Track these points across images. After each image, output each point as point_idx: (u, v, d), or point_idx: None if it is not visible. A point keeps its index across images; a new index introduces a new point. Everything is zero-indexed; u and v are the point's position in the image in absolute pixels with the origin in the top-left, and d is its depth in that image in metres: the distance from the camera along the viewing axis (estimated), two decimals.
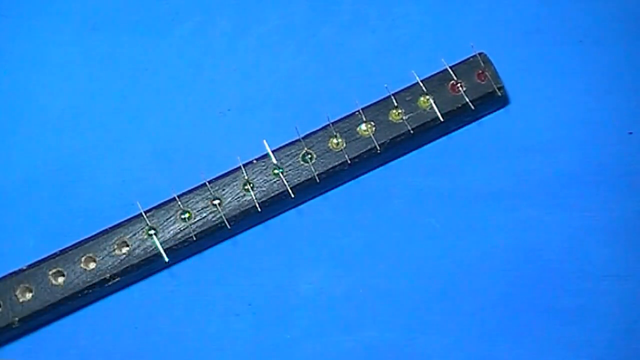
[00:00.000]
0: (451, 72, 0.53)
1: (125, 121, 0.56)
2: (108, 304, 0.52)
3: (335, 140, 0.53)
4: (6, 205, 0.54)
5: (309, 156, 0.52)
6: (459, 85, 0.53)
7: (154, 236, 0.51)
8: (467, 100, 0.53)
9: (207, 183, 0.52)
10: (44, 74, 0.57)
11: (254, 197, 0.51)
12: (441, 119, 0.52)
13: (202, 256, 0.53)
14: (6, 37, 0.57)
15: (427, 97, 0.53)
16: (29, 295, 0.50)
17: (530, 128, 0.55)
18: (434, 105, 0.53)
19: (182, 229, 0.51)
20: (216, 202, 0.51)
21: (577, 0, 0.57)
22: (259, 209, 0.51)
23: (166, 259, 0.50)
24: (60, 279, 0.50)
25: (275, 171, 0.52)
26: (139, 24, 0.57)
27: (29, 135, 0.55)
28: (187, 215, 0.51)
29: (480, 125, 0.55)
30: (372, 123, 0.53)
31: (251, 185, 0.52)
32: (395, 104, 0.53)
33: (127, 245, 0.51)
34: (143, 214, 0.51)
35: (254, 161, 0.52)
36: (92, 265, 0.50)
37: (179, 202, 0.51)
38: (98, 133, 0.55)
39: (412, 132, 0.52)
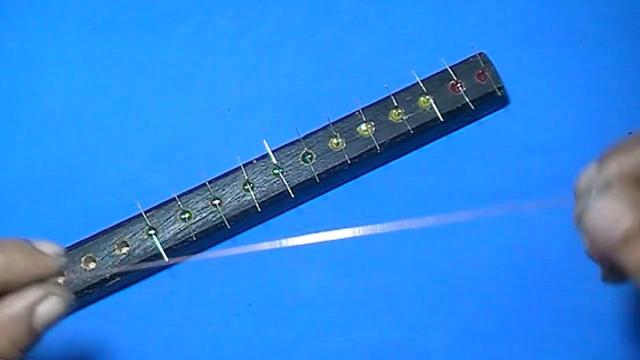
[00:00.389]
0: (451, 72, 0.53)
1: (125, 121, 0.56)
2: (108, 304, 0.52)
3: (335, 140, 0.53)
4: (6, 205, 0.54)
5: (309, 156, 0.52)
6: (459, 85, 0.53)
7: (154, 236, 0.51)
8: (467, 100, 0.53)
9: (207, 183, 0.52)
10: (44, 74, 0.57)
11: (254, 197, 0.51)
12: (441, 119, 0.52)
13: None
14: (6, 37, 0.57)
15: (427, 97, 0.53)
16: None
17: (530, 128, 0.55)
18: (434, 105, 0.53)
19: (182, 229, 0.51)
20: (216, 202, 0.51)
21: (577, 0, 0.57)
22: (259, 209, 0.51)
23: (166, 259, 0.50)
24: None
25: (275, 171, 0.52)
26: (139, 24, 0.57)
27: (29, 135, 0.55)
28: (187, 215, 0.51)
29: (480, 125, 0.55)
30: (372, 123, 0.53)
31: (251, 185, 0.52)
32: (395, 104, 0.53)
33: (127, 245, 0.51)
34: (143, 214, 0.51)
35: (254, 161, 0.52)
36: (92, 265, 0.50)
37: (179, 202, 0.51)
38: (98, 133, 0.55)
39: (412, 132, 0.52)
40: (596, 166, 0.38)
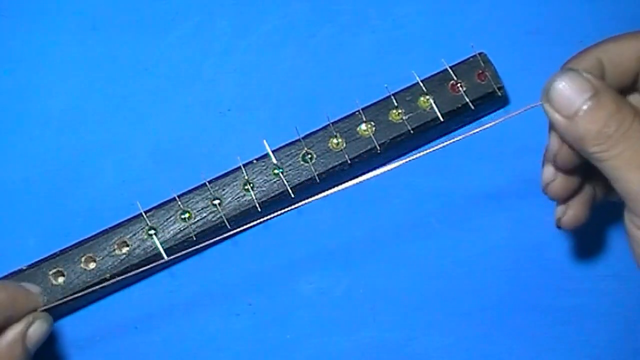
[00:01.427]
0: (451, 72, 0.53)
1: (125, 121, 0.55)
2: (108, 304, 0.52)
3: (335, 140, 0.53)
4: (6, 205, 0.54)
5: (309, 156, 0.52)
6: (459, 85, 0.53)
7: (154, 236, 0.51)
8: (467, 100, 0.53)
9: (207, 183, 0.52)
10: (44, 74, 0.56)
11: (254, 197, 0.51)
12: (441, 119, 0.52)
13: (202, 256, 0.53)
14: (6, 37, 0.57)
15: (427, 97, 0.53)
16: None
17: (530, 128, 0.55)
18: (434, 105, 0.53)
19: (182, 229, 0.51)
20: (216, 202, 0.51)
21: (577, 0, 0.57)
22: (259, 209, 0.51)
23: (166, 258, 0.50)
24: (60, 279, 0.50)
25: (275, 171, 0.52)
26: (139, 24, 0.57)
27: (29, 135, 0.55)
28: (187, 215, 0.51)
29: (481, 125, 0.55)
30: (372, 123, 0.53)
31: (251, 185, 0.52)
32: (395, 104, 0.53)
33: (127, 245, 0.51)
34: (143, 214, 0.51)
35: (254, 161, 0.52)
36: (92, 265, 0.50)
37: (179, 202, 0.51)
38: (98, 133, 0.55)
39: (412, 132, 0.52)
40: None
